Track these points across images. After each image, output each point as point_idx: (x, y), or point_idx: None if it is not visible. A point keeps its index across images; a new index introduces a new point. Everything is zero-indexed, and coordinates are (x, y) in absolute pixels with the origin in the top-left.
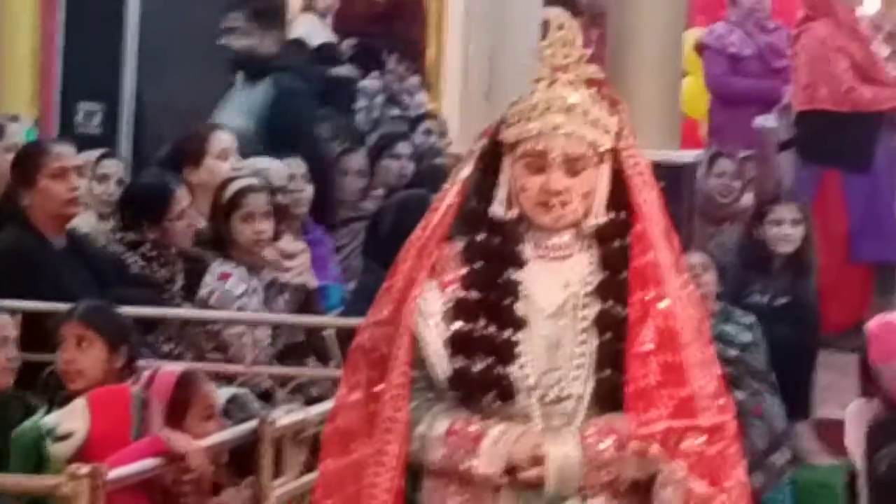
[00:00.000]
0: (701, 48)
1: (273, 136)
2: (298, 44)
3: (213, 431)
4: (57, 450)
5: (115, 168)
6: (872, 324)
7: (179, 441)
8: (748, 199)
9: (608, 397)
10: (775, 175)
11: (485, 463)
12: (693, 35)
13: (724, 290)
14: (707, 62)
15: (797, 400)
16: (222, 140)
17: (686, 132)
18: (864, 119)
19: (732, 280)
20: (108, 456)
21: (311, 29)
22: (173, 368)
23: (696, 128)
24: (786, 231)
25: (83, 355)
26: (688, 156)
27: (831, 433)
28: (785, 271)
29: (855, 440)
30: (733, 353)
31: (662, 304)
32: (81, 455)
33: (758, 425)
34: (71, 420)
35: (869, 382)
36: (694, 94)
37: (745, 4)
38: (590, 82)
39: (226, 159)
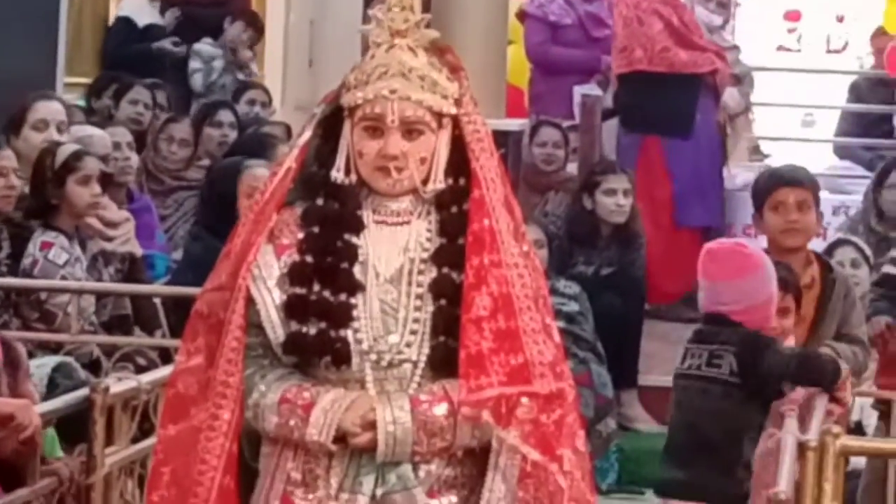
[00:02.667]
0: (522, 16)
1: None
2: (126, 21)
3: (33, 393)
4: None
5: None
6: (725, 243)
7: (5, 402)
8: (572, 168)
9: (443, 363)
10: (599, 144)
11: (316, 431)
12: (519, 3)
13: (550, 260)
14: (527, 31)
15: (623, 368)
16: (42, 110)
17: (511, 101)
18: (681, 83)
19: (558, 250)
20: None
21: (138, 7)
22: None
23: (522, 96)
24: (619, 201)
25: None
26: (513, 124)
27: (657, 401)
28: (612, 242)
29: None
30: (559, 323)
31: (498, 271)
32: None
33: (584, 394)
34: None
35: None
36: (518, 62)
37: None
38: (434, 48)
39: (43, 130)
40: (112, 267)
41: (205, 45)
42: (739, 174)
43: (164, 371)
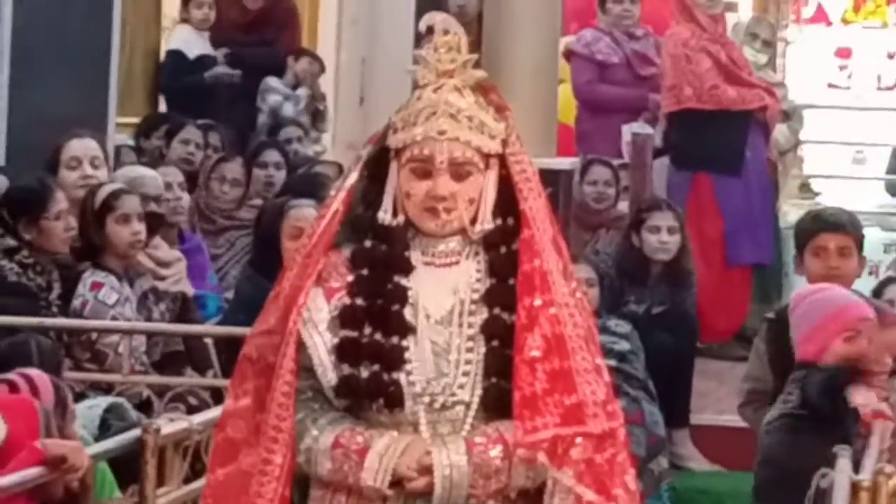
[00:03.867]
0: (569, 55)
1: None
2: (177, 54)
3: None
4: None
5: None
6: (811, 286)
7: (56, 444)
8: (623, 206)
9: (496, 404)
10: (650, 182)
11: (371, 476)
12: (565, 42)
13: (601, 298)
14: (574, 69)
15: (675, 407)
16: (74, 148)
17: (561, 139)
18: (731, 120)
19: (609, 289)
20: None
21: (188, 40)
22: (37, 373)
23: (572, 134)
24: (663, 238)
25: None
26: (564, 163)
27: (709, 440)
28: (662, 280)
29: None
30: (611, 362)
31: (550, 311)
32: None
33: (636, 433)
34: None
35: None
36: (568, 101)
37: (613, 11)
38: (479, 88)
39: (76, 168)
40: (163, 305)
41: (275, 81)
42: (790, 211)
43: (215, 411)
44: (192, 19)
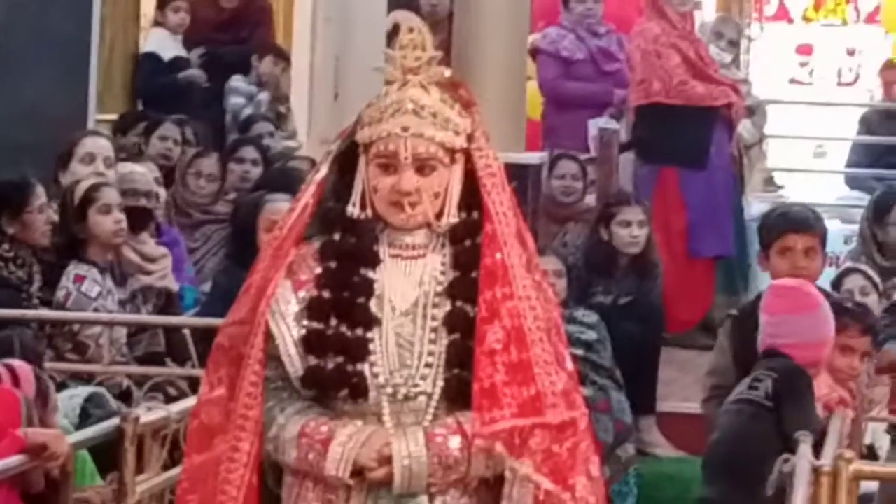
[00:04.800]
0: (535, 52)
1: None
2: (152, 57)
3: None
4: None
5: None
6: (788, 281)
7: (37, 432)
8: (591, 199)
9: (458, 396)
10: (616, 176)
11: (333, 466)
12: (531, 40)
13: (569, 290)
14: (540, 66)
15: (642, 395)
16: (89, 144)
17: (530, 134)
18: (697, 115)
19: (577, 280)
20: None
21: (163, 43)
22: (20, 363)
23: (539, 130)
24: (633, 232)
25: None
26: (533, 157)
27: (675, 426)
28: (629, 271)
29: None
30: (578, 352)
31: (510, 304)
32: None
33: (604, 420)
34: None
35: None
36: (535, 97)
37: (576, 10)
38: (448, 84)
39: (89, 163)
40: (150, 304)
41: (240, 83)
42: (754, 204)
43: (193, 400)
44: (169, 23)
